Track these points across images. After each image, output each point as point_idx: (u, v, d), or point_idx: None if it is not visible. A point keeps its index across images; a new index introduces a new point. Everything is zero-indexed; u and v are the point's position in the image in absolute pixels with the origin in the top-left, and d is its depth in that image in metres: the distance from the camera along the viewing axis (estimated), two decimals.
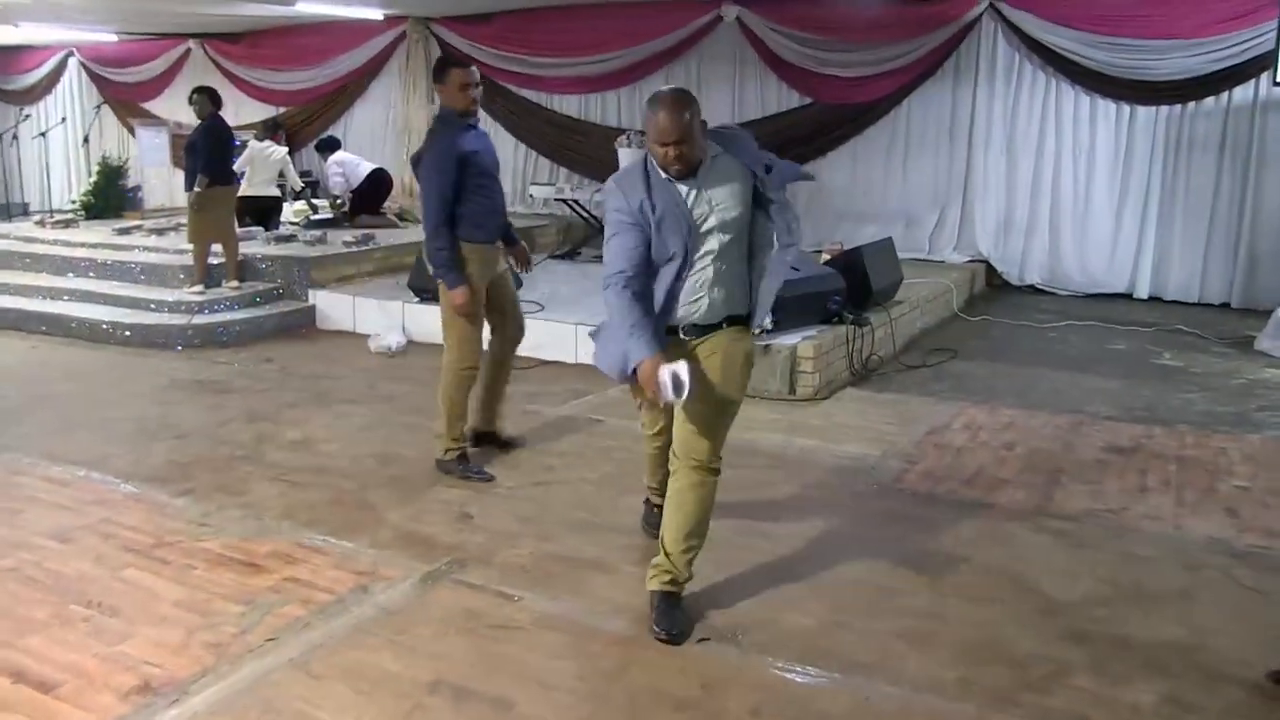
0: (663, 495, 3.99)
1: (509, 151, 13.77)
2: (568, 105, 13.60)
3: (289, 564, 4.34)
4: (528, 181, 13.60)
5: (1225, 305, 10.58)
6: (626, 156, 12.35)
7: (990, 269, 11.46)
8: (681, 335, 3.70)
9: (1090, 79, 10.72)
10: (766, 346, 6.90)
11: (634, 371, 3.53)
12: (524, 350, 7.44)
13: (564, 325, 7.82)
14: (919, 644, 3.73)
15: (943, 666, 3.58)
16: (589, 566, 4.34)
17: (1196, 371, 8.00)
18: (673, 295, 3.64)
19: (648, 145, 3.57)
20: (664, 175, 3.58)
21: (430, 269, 5.19)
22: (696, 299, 3.66)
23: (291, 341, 8.81)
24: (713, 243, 3.61)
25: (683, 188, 3.58)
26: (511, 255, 5.58)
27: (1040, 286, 11.27)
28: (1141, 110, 10.64)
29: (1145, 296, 10.85)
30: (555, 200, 11.60)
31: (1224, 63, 10.15)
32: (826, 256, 8.70)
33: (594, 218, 11.38)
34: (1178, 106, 10.50)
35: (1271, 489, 5.41)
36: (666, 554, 3.80)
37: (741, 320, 3.78)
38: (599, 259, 10.40)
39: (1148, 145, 10.67)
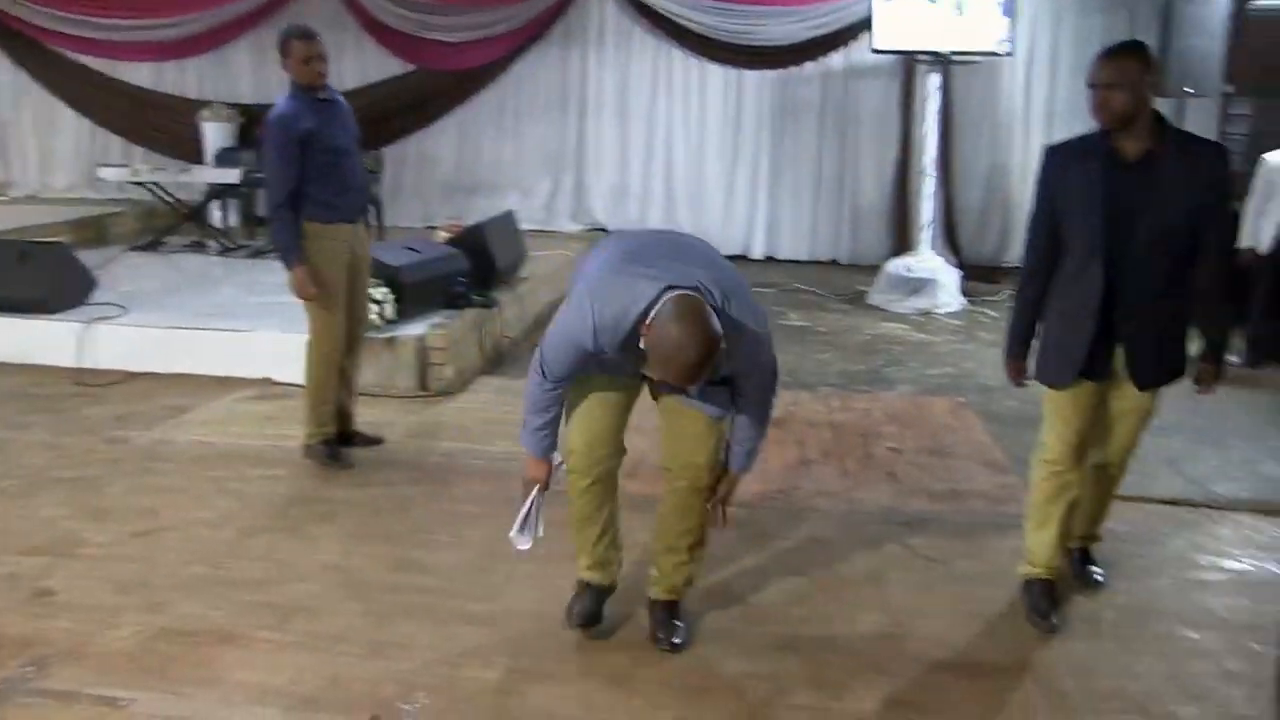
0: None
1: (71, 129, 12.14)
2: (140, 75, 12.02)
3: None
4: (95, 163, 11.87)
5: (834, 262, 10.96)
6: (212, 132, 11.15)
7: (606, 236, 11.20)
8: None
9: (699, 43, 10.70)
10: (390, 339, 6.19)
11: None
12: (106, 362, 6.46)
13: (153, 330, 6.63)
14: (622, 685, 3.23)
15: (655, 709, 3.10)
16: (215, 640, 3.43)
17: (823, 330, 8.08)
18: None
19: (648, 342, 2.86)
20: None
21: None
22: None
23: None
24: None
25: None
26: None
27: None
28: (750, 75, 10.77)
29: (761, 257, 11.03)
30: (131, 184, 10.18)
31: (822, 29, 10.44)
32: (446, 235, 8.02)
33: (179, 201, 10.10)
34: (782, 71, 10.69)
35: (920, 447, 5.41)
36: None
37: None
38: (190, 249, 9.58)
39: (756, 110, 10.83)
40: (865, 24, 9.95)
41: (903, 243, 10.35)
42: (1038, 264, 3.58)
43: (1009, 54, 9.21)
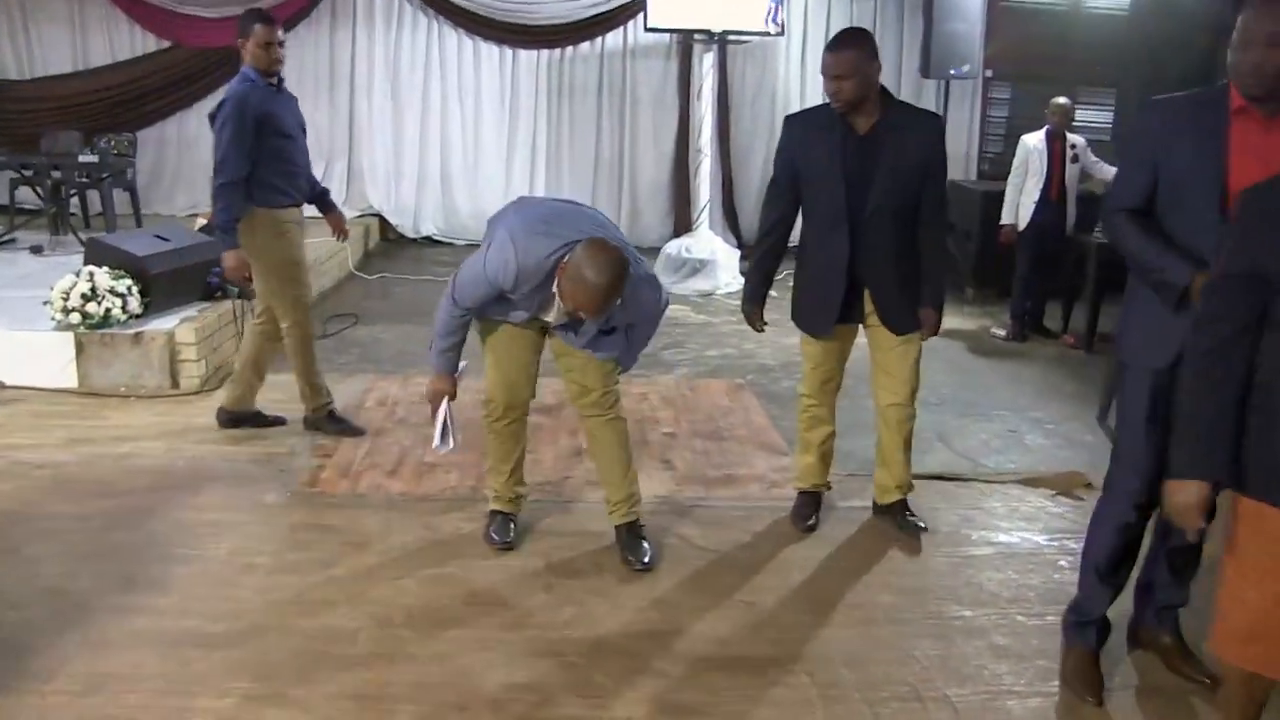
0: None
1: None
2: None
3: None
4: None
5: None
6: None
7: (384, 222, 10.79)
8: None
9: (470, 21, 10.35)
10: (138, 334, 5.70)
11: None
12: None
13: None
14: (372, 706, 2.95)
15: None
16: None
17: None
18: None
19: (563, 278, 3.34)
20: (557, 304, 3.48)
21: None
22: None
23: None
24: None
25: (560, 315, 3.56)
26: (328, 223, 5.37)
27: (437, 238, 10.80)
28: (523, 54, 10.50)
29: None
30: None
31: (595, 9, 10.27)
32: (202, 222, 7.46)
33: None
34: (557, 51, 10.48)
35: (694, 432, 5.30)
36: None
37: None
38: None
39: (531, 89, 10.57)
40: (642, 3, 9.87)
41: (683, 224, 10.32)
42: (776, 222, 3.96)
43: (780, 34, 9.24)
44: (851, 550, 4.04)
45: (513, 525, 4.00)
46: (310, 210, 5.15)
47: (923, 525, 4.19)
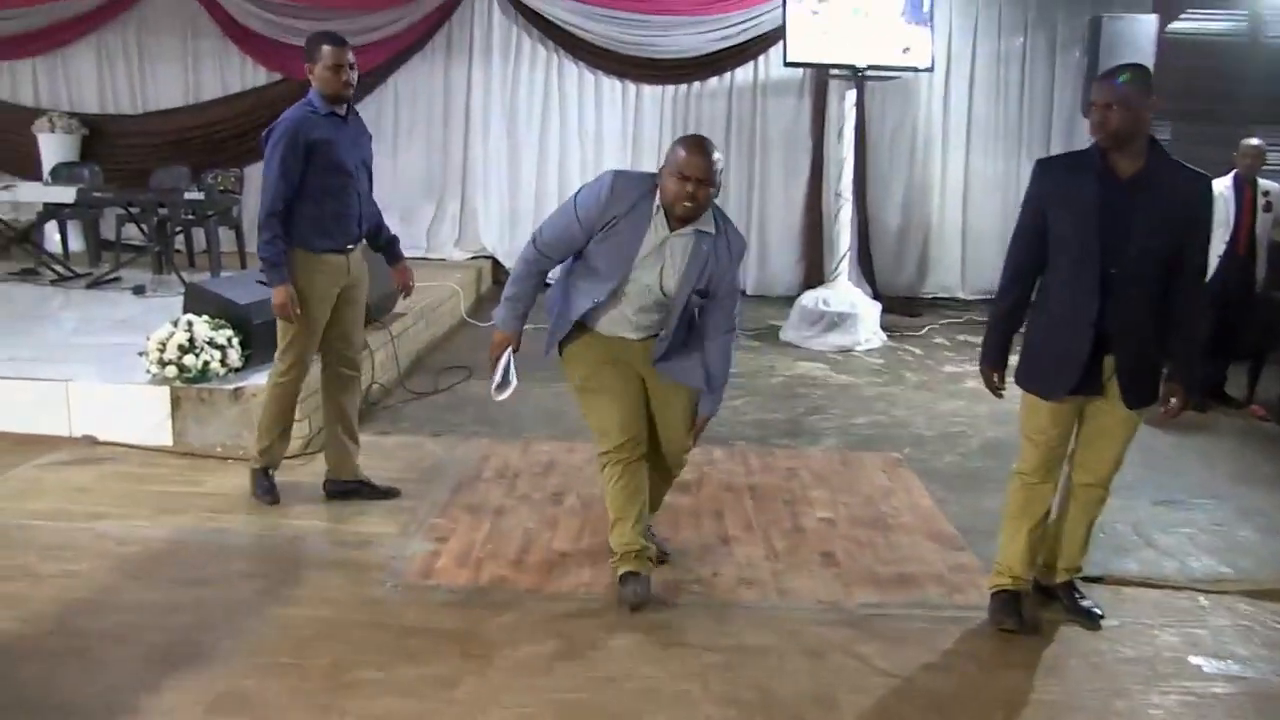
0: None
1: None
2: None
3: None
4: None
5: (741, 293, 10.24)
6: (49, 143, 10.07)
7: (497, 265, 10.39)
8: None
9: (594, 54, 9.99)
10: (237, 390, 5.31)
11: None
12: None
13: None
14: None
15: None
16: None
17: (734, 371, 7.30)
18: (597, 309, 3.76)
19: (662, 177, 3.55)
20: (656, 211, 3.59)
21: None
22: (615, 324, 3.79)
23: None
24: (641, 297, 3.70)
25: (660, 234, 3.61)
26: (393, 276, 4.97)
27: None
28: (647, 89, 10.10)
29: None
30: None
31: (726, 42, 9.86)
32: None
33: (4, 223, 9.00)
34: (684, 86, 10.08)
35: (854, 517, 4.73)
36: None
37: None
38: (19, 277, 8.51)
39: (655, 127, 10.15)
40: (775, 36, 9.40)
41: (815, 272, 9.80)
42: (1018, 274, 3.69)
43: (928, 69, 8.67)
44: (1063, 679, 3.41)
45: (646, 582, 3.78)
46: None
47: (1099, 611, 3.80)
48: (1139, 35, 8.09)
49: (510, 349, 3.86)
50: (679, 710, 3.13)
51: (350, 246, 4.61)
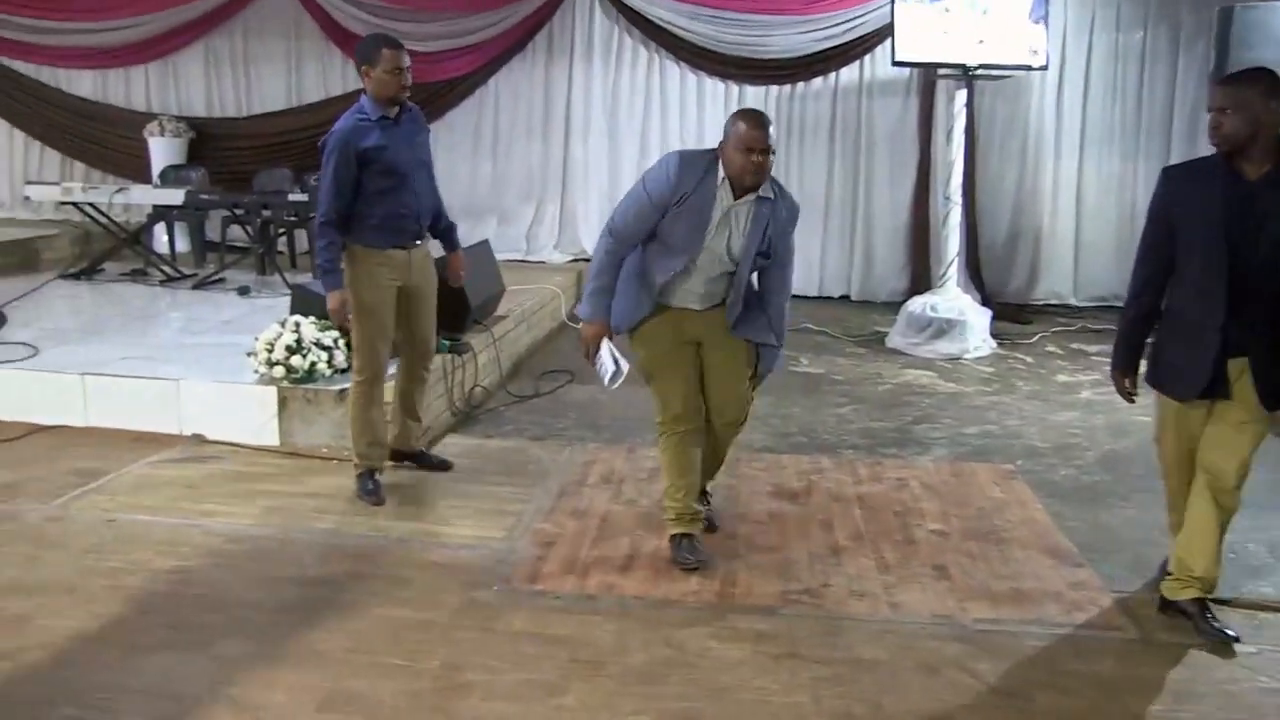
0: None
1: (3, 141, 11.34)
2: (80, 84, 11.17)
3: None
4: (27, 179, 10.94)
5: (845, 298, 10.27)
6: (159, 147, 10.40)
7: None
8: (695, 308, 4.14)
9: (695, 55, 10.00)
10: (342, 391, 5.42)
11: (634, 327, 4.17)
12: (7, 414, 5.71)
13: (67, 376, 5.77)
14: None
15: None
16: None
17: (840, 379, 7.34)
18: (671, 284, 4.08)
19: (725, 152, 3.89)
20: (720, 183, 3.92)
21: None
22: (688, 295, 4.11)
23: None
24: (712, 267, 4.04)
25: (725, 205, 3.94)
26: (449, 259, 5.19)
27: None
28: (750, 90, 10.06)
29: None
30: (63, 204, 9.37)
31: (831, 41, 9.79)
32: None
33: (117, 225, 9.29)
34: (787, 86, 10.03)
35: (966, 530, 4.66)
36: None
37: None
38: (129, 277, 8.79)
39: None
40: (881, 34, 9.36)
41: (921, 277, 9.68)
42: (1148, 281, 3.78)
43: (1042, 68, 8.51)
44: (1195, 708, 3.32)
45: (699, 544, 4.17)
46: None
47: (1232, 633, 3.67)
48: (1277, 25, 7.80)
49: (607, 338, 4.13)
50: (789, 717, 3.12)
51: (411, 243, 4.80)
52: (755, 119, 3.89)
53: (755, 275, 4.21)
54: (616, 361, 4.12)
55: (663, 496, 4.26)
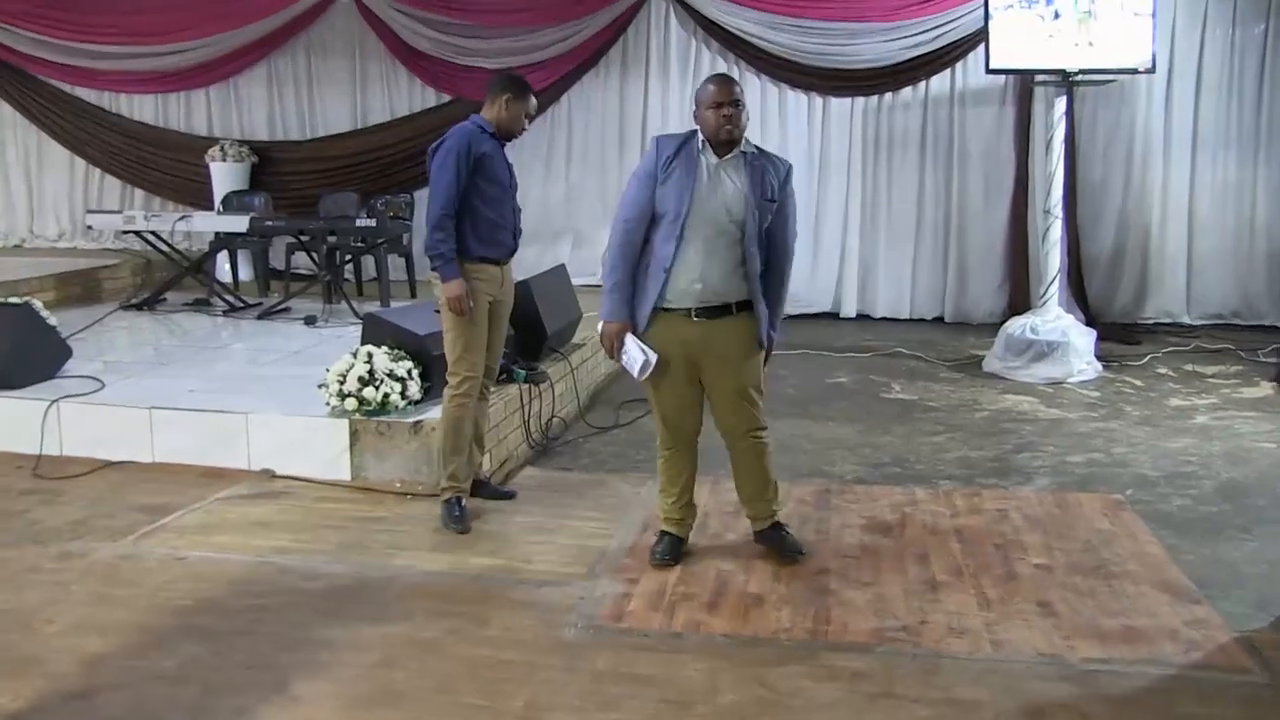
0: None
1: (64, 168, 11.76)
2: (142, 108, 11.62)
3: None
4: (88, 207, 11.45)
5: (938, 320, 10.28)
6: (220, 172, 10.71)
7: None
8: (694, 318, 4.41)
9: (776, 66, 10.12)
10: (417, 424, 5.57)
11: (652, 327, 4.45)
12: (74, 449, 5.93)
13: (134, 410, 6.01)
14: None
15: None
16: None
17: (934, 405, 7.36)
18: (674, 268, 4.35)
19: (700, 117, 4.33)
20: (702, 145, 4.33)
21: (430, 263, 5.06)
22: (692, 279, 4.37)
23: None
24: (709, 228, 4.32)
25: (710, 163, 4.31)
26: None
27: None
28: (835, 102, 10.16)
29: (853, 315, 10.38)
30: (125, 233, 9.69)
31: (920, 49, 9.84)
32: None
33: (179, 253, 9.59)
34: (874, 98, 10.11)
35: (1072, 564, 4.65)
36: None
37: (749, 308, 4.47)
38: (192, 307, 9.07)
39: (844, 142, 10.20)
40: (973, 41, 9.39)
41: (1021, 297, 9.67)
42: None
43: (1149, 71, 8.47)
44: None
45: (680, 545, 4.64)
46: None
47: None
48: None
49: (630, 334, 4.42)
50: None
51: (504, 259, 5.22)
52: (718, 78, 4.39)
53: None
54: (645, 352, 4.37)
55: None
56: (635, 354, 4.37)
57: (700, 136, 4.33)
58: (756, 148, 4.43)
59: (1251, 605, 4.23)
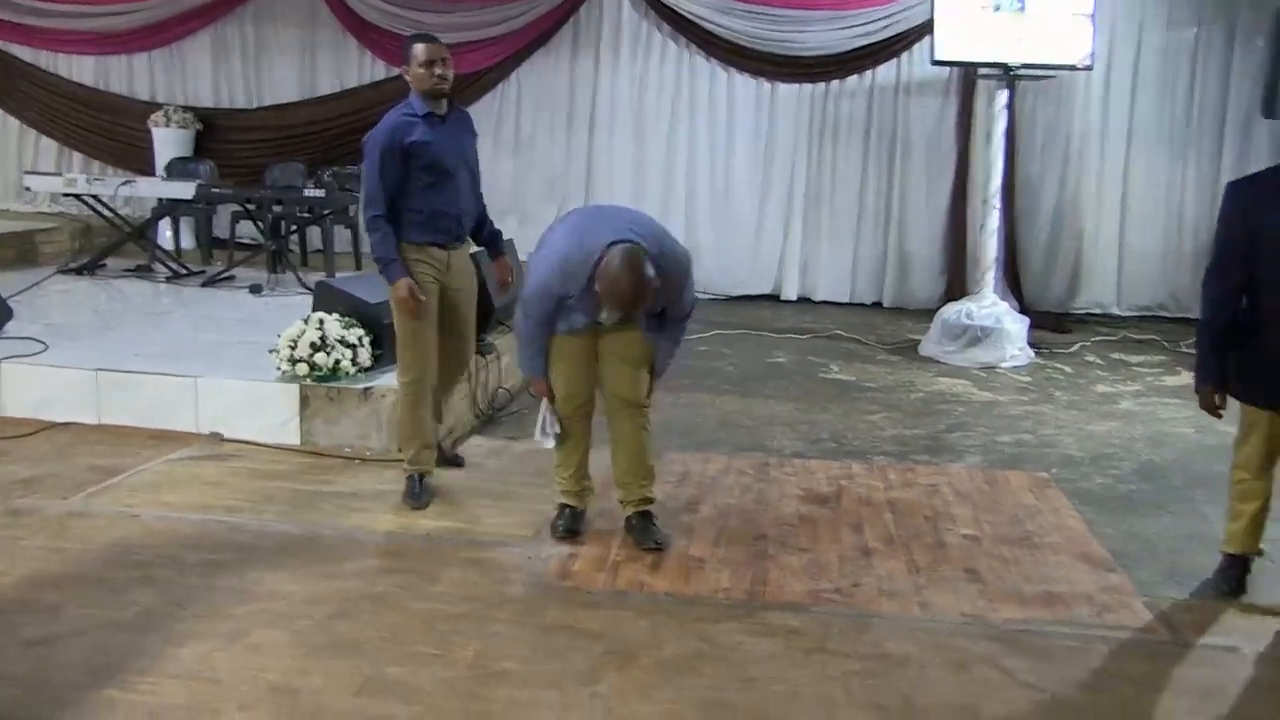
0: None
1: None
2: (81, 70, 11.56)
3: None
4: (23, 168, 11.38)
5: (877, 304, 10.56)
6: (163, 138, 10.74)
7: None
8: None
9: (727, 51, 10.32)
10: (366, 390, 5.72)
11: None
12: (20, 410, 6.00)
13: (79, 371, 6.09)
14: None
15: None
16: None
17: (871, 385, 7.62)
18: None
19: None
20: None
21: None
22: None
23: None
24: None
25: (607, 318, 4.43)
26: (494, 267, 5.60)
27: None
28: (783, 88, 10.38)
29: (794, 298, 10.61)
30: (65, 195, 9.67)
31: (868, 38, 10.08)
32: None
33: (121, 218, 9.62)
34: (821, 85, 10.33)
35: (999, 535, 4.92)
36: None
37: None
38: (133, 273, 9.10)
39: (790, 129, 10.43)
40: (919, 32, 9.61)
41: (958, 284, 9.94)
42: (1230, 293, 4.10)
43: (1088, 68, 8.78)
44: (1224, 705, 3.58)
45: (580, 517, 4.77)
46: None
47: None
48: None
49: (547, 400, 4.63)
50: (821, 712, 3.40)
51: (451, 242, 5.08)
52: (621, 270, 4.15)
53: None
54: (548, 427, 4.62)
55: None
56: (549, 426, 4.61)
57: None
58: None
59: (1163, 574, 4.54)
